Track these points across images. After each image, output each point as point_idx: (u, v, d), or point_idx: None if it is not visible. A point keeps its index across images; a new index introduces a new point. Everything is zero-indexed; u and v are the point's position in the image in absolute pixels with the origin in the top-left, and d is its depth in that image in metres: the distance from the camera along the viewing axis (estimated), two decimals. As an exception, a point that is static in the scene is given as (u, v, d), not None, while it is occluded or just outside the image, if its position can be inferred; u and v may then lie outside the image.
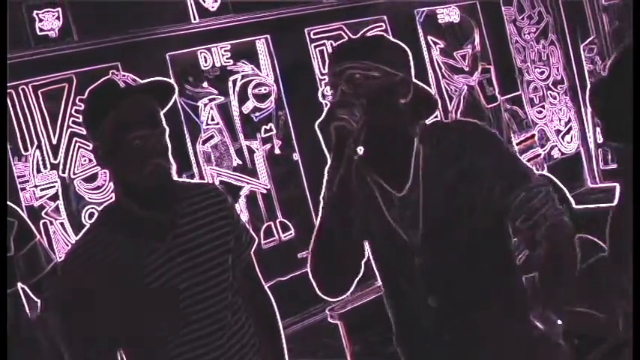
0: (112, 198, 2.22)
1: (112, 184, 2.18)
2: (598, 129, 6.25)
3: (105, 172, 3.85)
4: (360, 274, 2.14)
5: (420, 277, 2.08)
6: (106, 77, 2.20)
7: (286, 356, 2.36)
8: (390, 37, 2.20)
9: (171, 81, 2.18)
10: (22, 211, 3.25)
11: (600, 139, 6.29)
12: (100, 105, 2.07)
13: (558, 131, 6.40)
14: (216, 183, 4.25)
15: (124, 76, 2.09)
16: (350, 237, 2.01)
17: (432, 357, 2.18)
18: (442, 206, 2.05)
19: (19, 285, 2.90)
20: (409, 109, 2.09)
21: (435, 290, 2.08)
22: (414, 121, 2.12)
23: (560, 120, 6.43)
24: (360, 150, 1.99)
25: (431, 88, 5.34)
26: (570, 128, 6.45)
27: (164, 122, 2.10)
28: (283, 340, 2.35)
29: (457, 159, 2.07)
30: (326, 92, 4.96)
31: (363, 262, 2.14)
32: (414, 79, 2.12)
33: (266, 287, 2.36)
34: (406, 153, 2.09)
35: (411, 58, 2.14)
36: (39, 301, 2.97)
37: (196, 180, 4.22)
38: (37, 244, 2.93)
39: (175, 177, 2.14)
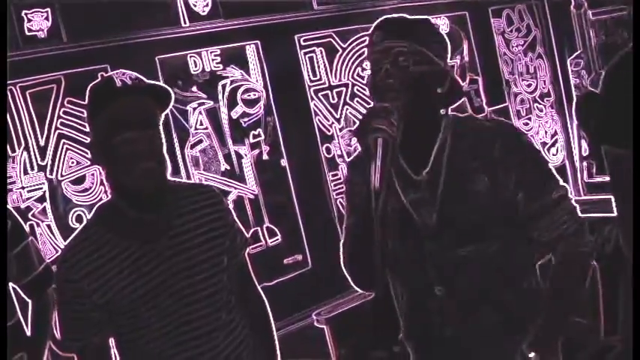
0: (101, 200, 2.21)
1: (101, 185, 2.16)
2: (584, 142, 6.29)
3: (92, 175, 3.83)
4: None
5: (430, 264, 2.07)
6: (108, 74, 2.16)
7: (279, 355, 2.35)
8: (435, 23, 2.16)
9: (168, 88, 2.16)
10: (8, 211, 3.23)
11: (585, 152, 6.33)
12: (94, 102, 2.06)
13: (544, 143, 6.43)
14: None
15: (123, 74, 2.04)
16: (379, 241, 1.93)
17: (437, 350, 2.17)
18: (461, 195, 2.03)
19: (11, 285, 2.89)
20: (442, 97, 2.08)
21: (442, 279, 2.07)
22: (441, 107, 2.11)
23: (546, 132, 6.46)
24: None
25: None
26: (556, 141, 6.48)
27: (158, 123, 2.08)
28: (276, 340, 2.34)
29: (485, 154, 2.05)
30: (362, 73, 4.93)
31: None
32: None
33: (259, 288, 2.35)
34: (431, 140, 2.08)
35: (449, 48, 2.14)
36: (30, 301, 2.96)
37: (192, 181, 4.21)
38: (30, 244, 2.91)
39: (170, 177, 2.12)
